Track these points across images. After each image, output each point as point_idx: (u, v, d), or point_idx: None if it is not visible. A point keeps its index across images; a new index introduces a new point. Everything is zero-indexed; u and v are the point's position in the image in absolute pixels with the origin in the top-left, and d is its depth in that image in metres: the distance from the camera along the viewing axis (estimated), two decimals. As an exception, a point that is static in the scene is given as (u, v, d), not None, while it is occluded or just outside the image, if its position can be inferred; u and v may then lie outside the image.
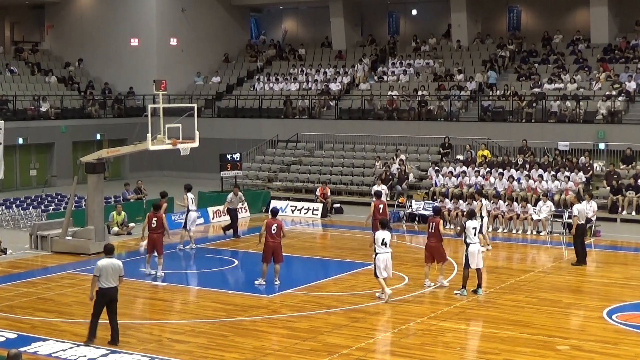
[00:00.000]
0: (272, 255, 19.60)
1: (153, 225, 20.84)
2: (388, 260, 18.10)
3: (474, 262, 18.48)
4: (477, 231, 18.63)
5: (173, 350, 15.01)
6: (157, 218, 20.87)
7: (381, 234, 18.17)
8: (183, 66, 44.23)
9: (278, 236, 19.55)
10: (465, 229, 18.66)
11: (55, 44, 46.79)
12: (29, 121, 38.38)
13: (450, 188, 30.89)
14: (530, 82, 37.03)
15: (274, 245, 19.55)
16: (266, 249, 19.59)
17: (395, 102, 37.77)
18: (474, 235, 18.46)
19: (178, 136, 23.11)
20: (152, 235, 20.84)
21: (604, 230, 26.92)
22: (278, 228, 19.55)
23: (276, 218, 19.89)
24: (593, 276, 21.40)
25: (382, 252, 18.04)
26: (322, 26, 46.86)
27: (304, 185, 34.99)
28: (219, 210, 29.92)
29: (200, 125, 24.88)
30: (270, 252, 19.56)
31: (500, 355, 14.60)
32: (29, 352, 14.58)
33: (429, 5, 45.88)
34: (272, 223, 19.61)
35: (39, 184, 37.17)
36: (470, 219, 18.88)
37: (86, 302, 18.40)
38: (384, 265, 18.02)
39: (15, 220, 28.60)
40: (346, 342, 15.31)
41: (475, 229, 18.55)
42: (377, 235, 18.25)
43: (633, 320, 16.84)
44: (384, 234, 18.18)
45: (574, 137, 32.94)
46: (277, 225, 19.57)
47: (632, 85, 34.56)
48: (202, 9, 45.19)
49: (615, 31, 39.38)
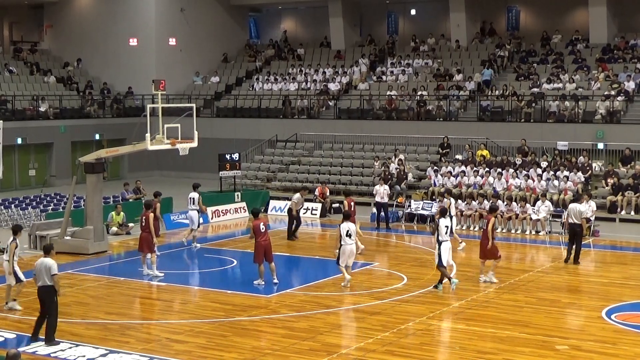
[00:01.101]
0: (265, 254, 19.69)
1: (143, 224, 21.10)
2: (352, 251, 19.33)
3: (445, 258, 19.03)
4: (449, 229, 19.31)
5: (172, 350, 15.01)
6: (145, 217, 21.13)
7: (345, 226, 19.28)
8: (182, 66, 44.24)
9: (267, 234, 19.73)
10: (438, 227, 19.15)
11: (54, 44, 46.79)
12: (27, 121, 38.37)
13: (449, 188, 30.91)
14: (529, 82, 37.05)
15: (265, 245, 19.68)
16: (258, 249, 19.70)
17: (394, 102, 37.77)
18: (445, 233, 19.10)
19: (177, 136, 23.09)
20: (141, 234, 21.16)
21: (603, 230, 26.92)
22: (265, 226, 19.83)
23: (259, 217, 20.06)
24: (592, 276, 21.40)
25: (346, 243, 19.21)
26: (321, 26, 46.88)
27: (303, 185, 34.93)
28: (218, 210, 29.93)
29: (199, 125, 24.91)
30: (262, 252, 19.68)
31: (500, 355, 14.61)
32: (28, 352, 14.58)
33: (428, 5, 45.88)
34: (259, 223, 19.75)
35: (38, 184, 37.17)
36: (443, 217, 19.46)
37: (85, 303, 18.47)
38: (347, 255, 19.25)
39: (14, 220, 28.55)
40: (345, 342, 15.32)
41: (447, 227, 19.24)
42: (342, 227, 19.30)
43: (632, 320, 16.84)
44: (348, 225, 19.31)
45: (573, 137, 32.95)
46: (264, 224, 19.83)
47: (631, 85, 34.57)
48: (201, 9, 45.19)
49: (614, 31, 39.41)
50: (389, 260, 23.35)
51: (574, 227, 22.33)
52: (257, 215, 20.20)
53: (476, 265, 22.15)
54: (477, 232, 27.54)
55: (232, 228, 29.42)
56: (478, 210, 27.93)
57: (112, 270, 22.34)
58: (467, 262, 22.62)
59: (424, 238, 26.93)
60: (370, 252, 24.23)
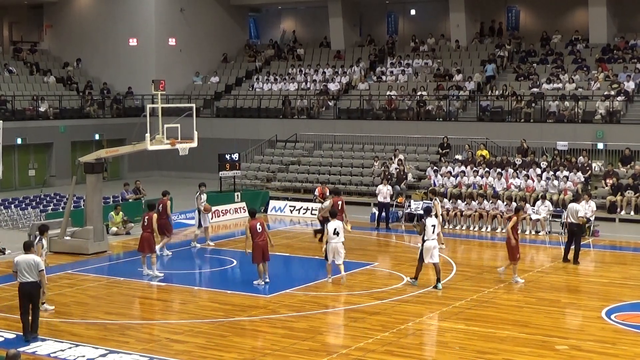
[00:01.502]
0: (262, 254, 19.72)
1: (145, 224, 21.13)
2: (338, 248, 19.88)
3: (427, 256, 19.33)
4: (435, 228, 19.51)
5: (172, 350, 15.01)
6: (148, 217, 21.19)
7: (332, 224, 19.94)
8: (182, 66, 44.25)
9: (264, 234, 19.74)
10: (424, 226, 19.44)
11: (53, 44, 46.79)
12: (27, 121, 38.38)
13: (448, 188, 30.91)
14: (528, 82, 37.05)
15: (262, 245, 19.73)
16: (256, 249, 19.71)
17: (394, 102, 37.77)
18: (432, 232, 19.33)
19: (177, 136, 23.09)
20: (143, 234, 21.17)
21: (603, 230, 26.91)
22: (262, 226, 19.82)
23: (256, 218, 20.08)
24: (592, 276, 21.41)
25: (333, 241, 19.78)
26: (321, 26, 46.89)
27: (302, 185, 34.99)
28: (218, 210, 29.91)
29: (199, 125, 24.91)
30: (260, 252, 19.72)
31: (499, 355, 14.61)
32: (27, 352, 14.59)
33: (427, 5, 45.89)
34: (255, 223, 19.78)
35: (38, 184, 37.16)
36: (429, 217, 19.63)
37: (85, 303, 18.48)
38: (334, 252, 19.85)
39: (13, 220, 28.59)
40: (345, 342, 15.32)
41: (434, 226, 19.48)
42: (329, 225, 19.94)
43: (632, 320, 16.84)
44: (335, 224, 19.96)
45: (573, 137, 32.95)
46: (260, 224, 19.83)
47: (631, 85, 34.57)
48: (200, 9, 45.20)
49: (614, 31, 39.41)
50: (389, 260, 23.36)
51: (571, 226, 22.41)
52: (254, 215, 20.23)
53: (476, 266, 22.23)
54: (476, 232, 27.57)
55: (231, 228, 29.42)
56: (478, 211, 27.94)
57: (112, 271, 22.33)
58: (467, 262, 22.64)
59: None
60: (371, 252, 24.23)
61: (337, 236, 19.83)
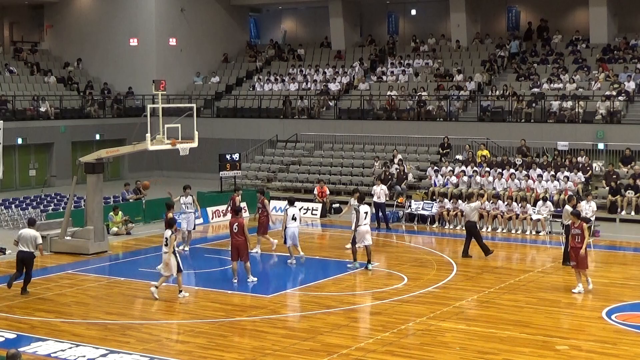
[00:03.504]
0: (238, 253, 19.71)
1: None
2: (295, 232, 21.99)
3: (361, 240, 21.20)
4: (367, 215, 21.29)
5: (172, 350, 15.02)
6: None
7: (291, 211, 22.01)
8: (182, 66, 44.24)
9: (240, 235, 19.70)
10: (359, 213, 21.12)
11: (54, 44, 46.78)
12: (28, 121, 38.37)
13: (449, 188, 30.92)
14: (529, 82, 37.05)
15: (236, 244, 19.78)
16: (231, 247, 20.02)
17: (395, 102, 37.77)
18: (364, 219, 21.14)
19: (177, 136, 23.10)
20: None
21: (603, 230, 26.91)
22: (239, 226, 19.72)
23: (237, 217, 20.06)
24: (592, 276, 21.33)
25: (291, 225, 21.87)
26: (321, 26, 46.87)
27: (303, 185, 34.99)
28: (218, 210, 29.90)
29: (200, 126, 24.90)
30: (235, 250, 19.84)
31: (500, 355, 14.61)
32: (28, 352, 14.57)
33: (428, 6, 45.87)
34: (234, 222, 19.85)
35: (38, 184, 37.14)
36: (362, 204, 21.56)
37: (85, 303, 18.48)
38: (292, 236, 21.94)
39: (14, 220, 28.57)
40: (345, 342, 15.31)
41: (366, 213, 21.30)
42: (288, 211, 21.95)
43: (632, 320, 16.83)
44: (293, 210, 22.03)
45: (573, 137, 32.94)
46: (237, 224, 19.76)
47: (631, 85, 34.56)
48: (201, 9, 45.20)
49: (615, 31, 39.40)
50: (389, 260, 23.33)
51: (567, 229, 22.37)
52: (238, 213, 20.32)
53: (477, 266, 22.20)
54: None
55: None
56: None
57: (113, 271, 22.33)
58: (468, 262, 22.61)
59: (424, 238, 26.97)
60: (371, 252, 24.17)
61: (295, 221, 21.89)
